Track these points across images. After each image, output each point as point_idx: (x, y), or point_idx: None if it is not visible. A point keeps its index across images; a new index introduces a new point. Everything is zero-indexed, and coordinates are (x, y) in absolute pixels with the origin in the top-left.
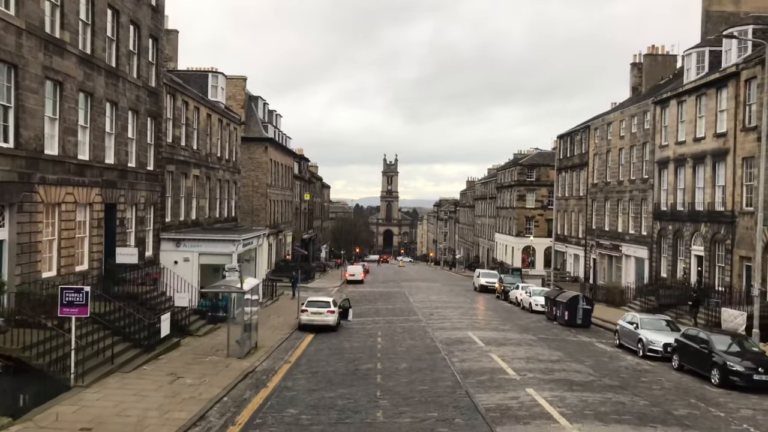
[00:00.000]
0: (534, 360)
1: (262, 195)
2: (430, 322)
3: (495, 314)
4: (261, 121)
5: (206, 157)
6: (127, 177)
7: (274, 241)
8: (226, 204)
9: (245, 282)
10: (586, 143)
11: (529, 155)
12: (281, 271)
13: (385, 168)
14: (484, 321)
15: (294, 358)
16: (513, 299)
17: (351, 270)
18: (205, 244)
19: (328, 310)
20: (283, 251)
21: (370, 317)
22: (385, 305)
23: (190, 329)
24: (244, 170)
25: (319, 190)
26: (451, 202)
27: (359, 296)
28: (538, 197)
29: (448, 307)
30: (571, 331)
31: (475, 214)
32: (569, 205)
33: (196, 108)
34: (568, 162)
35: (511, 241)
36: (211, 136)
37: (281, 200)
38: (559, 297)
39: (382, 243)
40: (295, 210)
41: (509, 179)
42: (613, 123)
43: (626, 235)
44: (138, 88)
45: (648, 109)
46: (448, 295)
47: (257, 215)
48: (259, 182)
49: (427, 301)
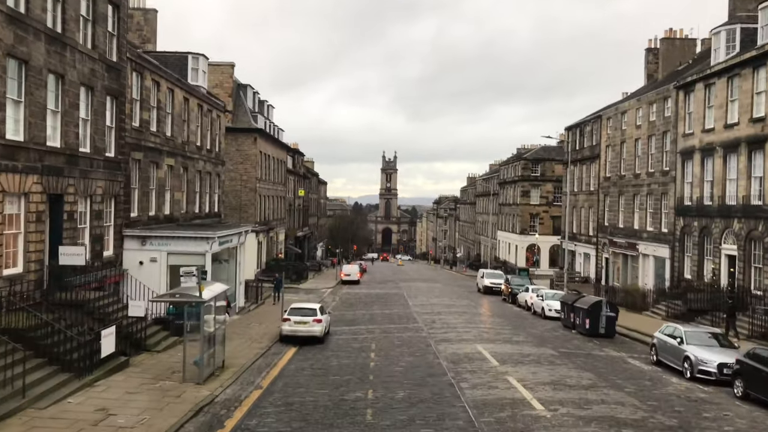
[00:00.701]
0: (562, 386)
1: (251, 190)
2: (432, 331)
3: (504, 321)
4: (250, 111)
5: (183, 146)
6: (79, 163)
7: (264, 238)
8: (207, 198)
9: (205, 289)
10: (597, 134)
11: (533, 150)
12: (272, 271)
13: (384, 165)
14: (493, 330)
15: (267, 382)
16: (522, 303)
17: (346, 270)
18: (174, 242)
19: (314, 319)
20: (275, 249)
21: (363, 325)
22: (381, 310)
23: (148, 344)
24: (232, 163)
25: (315, 186)
26: (451, 200)
27: (354, 299)
28: (543, 193)
29: (452, 313)
30: (594, 342)
31: (476, 211)
32: (579, 201)
33: (170, 90)
34: (577, 155)
35: (515, 239)
36: (189, 122)
37: (273, 196)
38: (579, 302)
39: (381, 241)
40: (289, 206)
41: (513, 174)
42: (629, 112)
43: (643, 233)
44: (93, 61)
45: (669, 94)
46: (450, 297)
47: (246, 211)
48: (247, 176)
49: (427, 305)
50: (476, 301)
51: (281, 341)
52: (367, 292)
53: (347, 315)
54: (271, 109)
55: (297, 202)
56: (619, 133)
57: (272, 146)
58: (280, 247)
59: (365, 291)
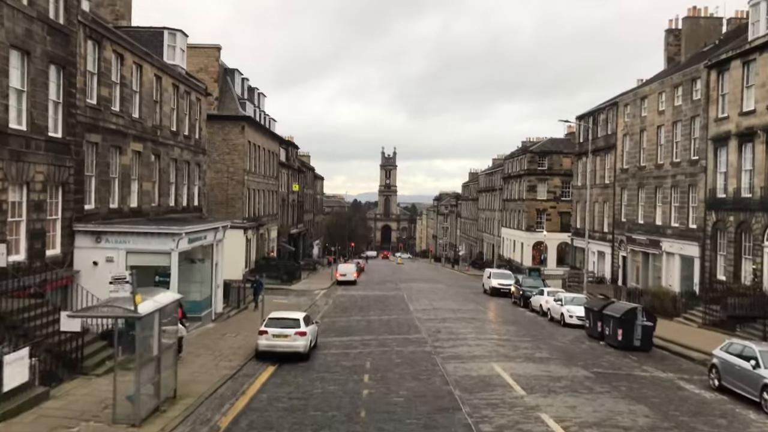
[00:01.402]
0: (615, 428)
1: (238, 182)
2: (437, 344)
3: (520, 330)
4: (238, 98)
5: (154, 130)
6: (9, 143)
7: (253, 235)
8: (185, 190)
9: (148, 299)
10: (612, 123)
11: (539, 142)
12: (262, 271)
13: (383, 161)
14: (509, 343)
15: (228, 421)
16: (536, 307)
17: (342, 269)
18: (134, 238)
19: (296, 331)
20: (266, 247)
21: (358, 335)
22: (379, 316)
23: (86, 365)
24: (218, 154)
25: (311, 181)
26: (452, 196)
27: (349, 302)
28: (550, 188)
29: (459, 319)
30: (631, 357)
31: (478, 208)
32: (592, 195)
33: (137, 65)
34: (590, 146)
35: (521, 236)
36: (162, 104)
37: (264, 190)
38: (609, 309)
39: (380, 239)
40: (282, 201)
41: (518, 168)
42: (650, 97)
43: (668, 229)
44: (30, 20)
45: (698, 75)
46: (455, 299)
47: (233, 206)
48: (234, 167)
49: (430, 310)
50: (484, 304)
51: (257, 358)
52: (363, 294)
53: (340, 322)
54: (263, 98)
55: (291, 197)
56: (638, 120)
57: (263, 136)
58: (272, 245)
59: (362, 293)
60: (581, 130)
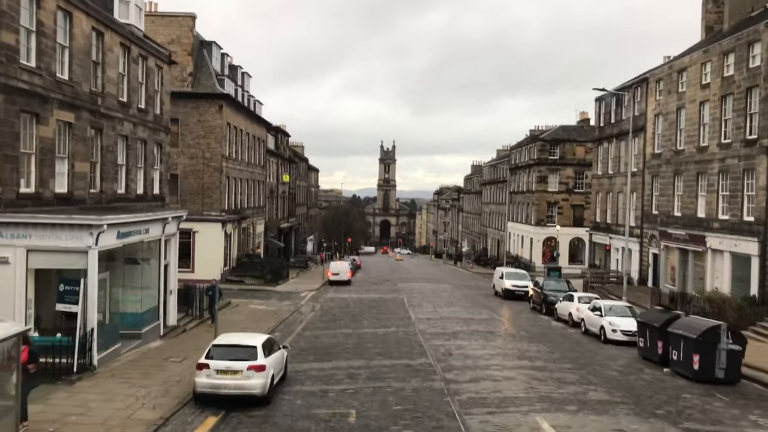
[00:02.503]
0: None
1: (215, 170)
2: (451, 376)
3: (554, 350)
4: (216, 74)
5: (93, 98)
6: None
7: (234, 230)
8: (141, 175)
9: None
10: (641, 102)
11: (549, 130)
12: (245, 270)
13: (382, 155)
14: (548, 373)
15: None
16: (564, 315)
17: (334, 267)
18: (38, 232)
19: (251, 365)
20: (251, 243)
21: (344, 359)
22: (373, 327)
23: None
24: (192, 137)
25: (305, 172)
26: (453, 189)
27: (339, 308)
28: (562, 179)
29: (473, 334)
30: (721, 397)
31: (482, 201)
32: (614, 185)
33: (65, 12)
34: (610, 130)
35: (529, 231)
36: (105, 66)
37: (247, 179)
38: (677, 327)
39: (379, 234)
40: (270, 193)
41: (527, 158)
42: (690, 69)
43: (714, 222)
44: None
45: (757, 37)
46: (463, 304)
47: (209, 196)
48: (211, 153)
49: (437, 320)
50: (498, 311)
51: (196, 401)
52: (357, 298)
53: (324, 338)
54: (248, 78)
55: (281, 188)
56: (674, 97)
57: (246, 119)
58: (258, 241)
59: (355, 295)
60: (601, 113)
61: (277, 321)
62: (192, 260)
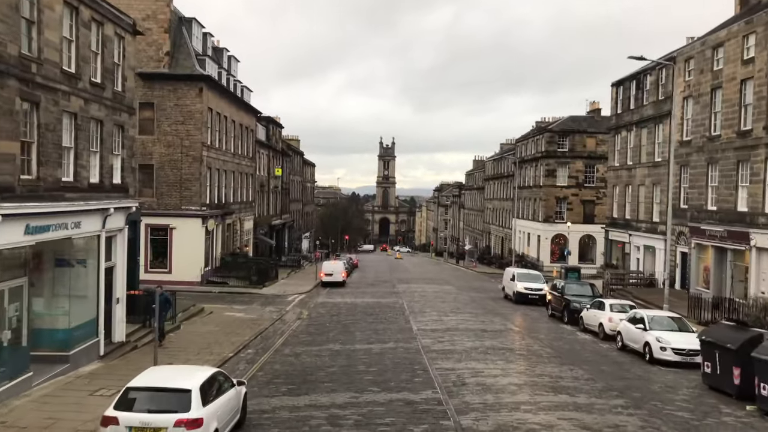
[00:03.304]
0: None
1: (194, 159)
2: (468, 423)
3: (594, 376)
4: (196, 54)
5: (24, 63)
6: None
7: (217, 226)
8: (96, 161)
9: None
10: (667, 85)
11: (557, 121)
12: (228, 270)
13: (381, 152)
14: (598, 414)
15: None
16: (591, 325)
17: (327, 268)
18: None
19: (180, 418)
20: (238, 241)
21: (325, 395)
22: (367, 344)
23: None
24: (169, 122)
25: (300, 166)
26: (454, 186)
27: (329, 316)
28: (572, 172)
29: (490, 351)
30: None
31: (485, 197)
32: (633, 177)
33: None
34: (630, 117)
35: (537, 228)
36: (42, 27)
37: (233, 171)
38: (765, 352)
39: (378, 231)
40: (260, 187)
41: (534, 151)
42: (729, 43)
43: (759, 217)
44: None
45: None
46: (472, 310)
47: (188, 188)
48: (190, 140)
49: (443, 332)
50: (513, 319)
51: None
52: (351, 303)
53: (305, 357)
54: (235, 63)
55: (272, 182)
56: (707, 77)
57: (231, 106)
58: (247, 238)
59: (350, 300)
60: (619, 99)
61: (254, 333)
62: (169, 259)
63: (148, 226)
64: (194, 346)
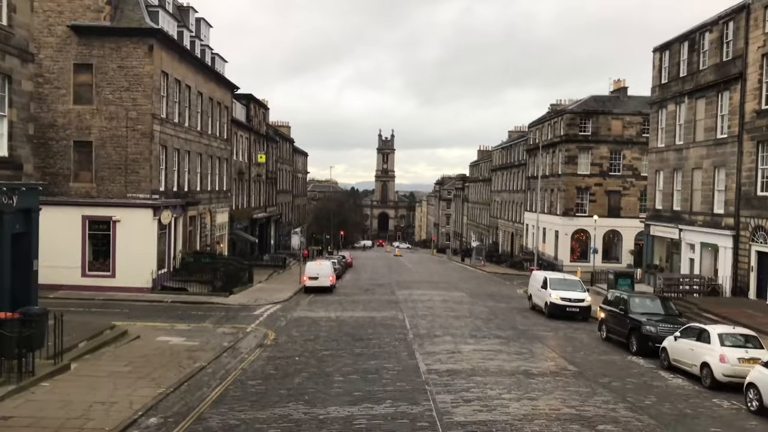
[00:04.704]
0: None
1: (143, 135)
2: None
3: None
4: (146, 6)
5: None
6: None
7: (176, 218)
8: None
9: None
10: (734, 42)
11: (578, 102)
12: (190, 273)
13: (380, 145)
14: None
15: None
16: (684, 365)
17: (312, 270)
18: None
19: None
20: (206, 237)
21: None
22: (347, 406)
23: None
24: (111, 89)
25: (290, 155)
26: (457, 178)
27: (301, 346)
28: (595, 159)
29: (552, 421)
30: None
31: (492, 190)
32: (686, 159)
33: None
34: (680, 86)
35: (554, 222)
36: None
37: (200, 153)
38: None
39: (377, 227)
40: (238, 174)
41: (551, 135)
42: None
43: None
44: None
45: None
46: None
47: (136, 171)
48: (138, 111)
49: (467, 376)
50: (555, 345)
51: None
52: (336, 318)
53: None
54: (205, 27)
55: (255, 170)
56: None
57: (198, 74)
58: (221, 234)
59: (335, 314)
60: (663, 66)
61: (179, 378)
62: (112, 261)
63: (86, 219)
64: (57, 411)
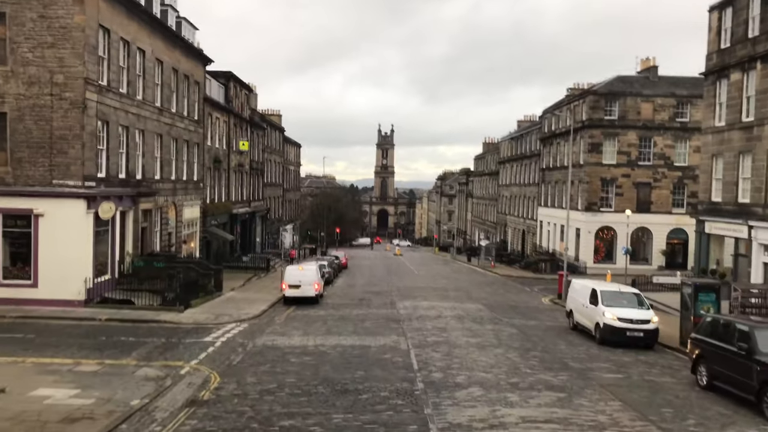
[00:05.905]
0: None
1: (73, 105)
2: None
3: None
4: None
5: None
6: None
7: (124, 213)
8: None
9: None
10: None
11: (601, 83)
12: (140, 281)
13: (379, 140)
14: None
15: None
16: None
17: (291, 276)
18: None
19: None
20: (170, 236)
21: None
22: None
23: None
24: (30, 45)
25: (280, 145)
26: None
27: (253, 402)
28: (622, 147)
29: None
30: None
31: (499, 184)
32: (758, 139)
33: None
34: (748, 50)
35: (575, 219)
36: None
37: (159, 133)
38: None
39: (376, 224)
40: (214, 162)
41: (571, 121)
42: None
43: None
44: None
45: None
46: (547, 376)
47: (63, 152)
48: (65, 74)
49: None
50: (636, 402)
51: None
52: (315, 349)
53: None
54: None
55: (235, 159)
56: None
57: (155, 36)
58: (190, 232)
59: (314, 341)
60: (723, 27)
61: None
62: (33, 266)
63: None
64: None
